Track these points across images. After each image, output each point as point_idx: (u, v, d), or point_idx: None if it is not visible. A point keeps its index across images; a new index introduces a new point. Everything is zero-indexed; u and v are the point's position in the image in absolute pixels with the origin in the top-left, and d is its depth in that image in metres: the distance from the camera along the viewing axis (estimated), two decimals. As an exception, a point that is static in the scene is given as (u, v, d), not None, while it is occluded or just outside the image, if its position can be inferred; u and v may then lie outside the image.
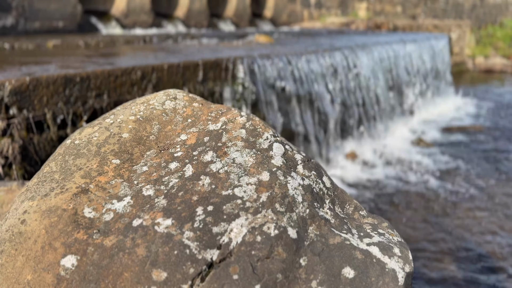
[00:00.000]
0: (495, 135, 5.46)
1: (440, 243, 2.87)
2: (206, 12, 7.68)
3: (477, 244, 2.87)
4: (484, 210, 3.36)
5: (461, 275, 2.53)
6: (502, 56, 11.48)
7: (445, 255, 2.72)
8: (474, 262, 2.66)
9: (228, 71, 3.53)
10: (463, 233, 3.00)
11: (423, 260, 2.67)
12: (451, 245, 2.85)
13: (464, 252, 2.76)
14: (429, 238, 2.94)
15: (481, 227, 3.10)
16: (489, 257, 2.72)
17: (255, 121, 1.19)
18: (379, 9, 10.39)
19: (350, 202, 1.20)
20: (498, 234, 3.00)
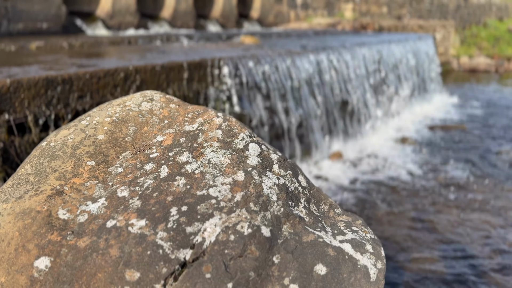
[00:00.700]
0: (478, 133, 5.55)
1: (422, 239, 2.91)
2: (192, 13, 7.67)
3: (459, 240, 2.92)
4: (464, 207, 3.42)
5: (444, 270, 2.57)
6: (486, 55, 11.67)
7: (427, 252, 2.76)
8: (457, 258, 2.70)
9: (213, 72, 3.53)
10: (444, 230, 3.05)
11: (404, 256, 2.71)
12: (433, 241, 2.90)
13: (446, 248, 2.81)
14: (412, 235, 2.98)
15: (462, 224, 3.15)
16: (471, 253, 2.77)
17: (231, 122, 1.20)
18: (365, 9, 10.48)
19: (326, 200, 1.22)
20: (479, 229, 3.06)
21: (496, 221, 3.20)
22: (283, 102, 4.18)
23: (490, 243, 2.89)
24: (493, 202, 3.52)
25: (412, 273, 2.54)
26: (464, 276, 2.52)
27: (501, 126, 5.95)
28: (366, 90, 5.44)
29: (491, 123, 6.09)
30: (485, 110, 6.91)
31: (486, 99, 7.75)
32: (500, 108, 7.06)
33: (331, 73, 4.84)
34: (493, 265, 2.64)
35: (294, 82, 4.30)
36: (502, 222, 3.19)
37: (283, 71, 4.16)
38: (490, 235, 3.00)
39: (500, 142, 5.19)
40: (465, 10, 13.39)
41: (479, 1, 14.09)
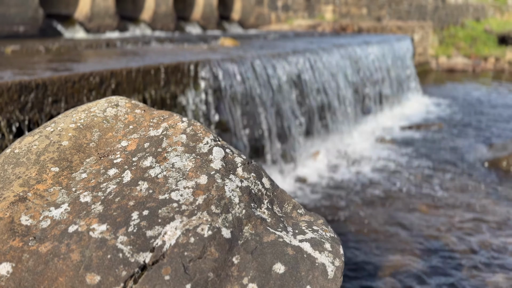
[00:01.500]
0: (454, 131, 5.69)
1: (396, 237, 2.98)
2: (172, 15, 7.65)
3: (434, 237, 3.00)
4: (441, 205, 3.50)
5: (418, 267, 2.64)
6: (464, 55, 11.93)
7: (401, 250, 2.83)
8: (433, 254, 2.77)
9: (190, 75, 3.55)
10: (421, 227, 3.12)
11: (378, 253, 2.77)
12: (408, 238, 2.96)
13: (421, 246, 2.88)
14: (388, 232, 3.04)
15: (438, 221, 3.23)
16: (443, 250, 2.84)
17: (196, 126, 1.22)
18: (345, 11, 10.61)
19: (289, 201, 1.26)
20: (454, 227, 3.14)
21: (471, 219, 3.29)
22: (262, 103, 4.22)
23: (465, 241, 2.97)
24: (469, 201, 3.62)
25: (389, 270, 2.60)
26: (440, 271, 2.59)
27: (477, 125, 6.10)
28: (345, 91, 5.52)
29: (468, 122, 6.24)
30: (462, 109, 7.07)
31: (463, 98, 7.93)
32: (476, 107, 7.23)
33: (310, 75, 4.89)
34: (468, 262, 2.72)
35: (273, 83, 4.34)
36: (476, 221, 3.28)
37: (261, 73, 4.20)
38: (465, 233, 3.08)
39: (474, 140, 5.33)
40: (443, 11, 13.67)
41: (457, 2, 14.39)
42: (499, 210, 3.43)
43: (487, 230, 3.10)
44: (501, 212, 3.40)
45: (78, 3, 6.51)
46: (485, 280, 2.52)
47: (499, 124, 6.18)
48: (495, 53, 11.75)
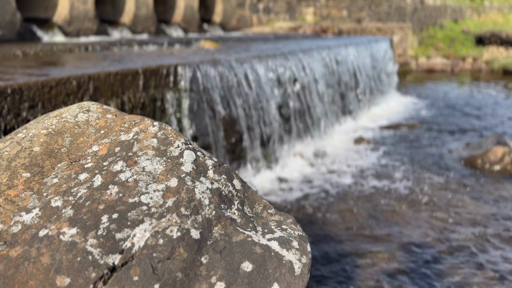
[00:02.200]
0: (432, 131, 5.81)
1: (374, 234, 3.05)
2: (153, 18, 7.63)
3: (411, 235, 3.07)
4: (416, 203, 3.59)
5: (394, 263, 2.70)
6: (443, 56, 12.19)
7: (378, 246, 2.89)
8: (407, 251, 2.84)
9: (169, 78, 3.56)
10: (396, 225, 3.20)
11: (356, 250, 2.83)
12: (386, 235, 3.03)
13: (397, 242, 2.94)
14: (365, 230, 3.11)
15: (414, 219, 3.31)
16: (421, 246, 2.91)
17: (167, 130, 1.25)
18: (326, 13, 10.73)
19: (260, 201, 1.29)
20: (429, 225, 3.22)
21: (445, 217, 3.38)
22: (243, 105, 4.25)
23: (439, 239, 3.06)
24: (443, 198, 3.71)
25: (365, 267, 2.66)
26: (414, 266, 2.66)
27: (453, 124, 6.25)
28: (325, 92, 5.60)
29: (445, 121, 6.39)
30: (439, 109, 7.23)
31: (441, 98, 8.10)
32: (454, 107, 7.40)
33: (289, 76, 4.95)
34: (440, 259, 2.80)
35: (253, 85, 4.38)
36: (451, 219, 3.37)
37: (241, 75, 4.24)
38: (439, 231, 3.17)
39: (451, 139, 5.46)
40: (422, 12, 13.93)
41: (435, 3, 14.69)
42: (474, 206, 3.53)
43: (463, 227, 3.19)
44: (476, 208, 3.50)
45: (57, 7, 6.45)
46: (467, 280, 2.59)
47: (476, 122, 6.34)
48: (473, 53, 12.03)
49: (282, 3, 10.09)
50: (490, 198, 3.69)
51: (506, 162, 4.27)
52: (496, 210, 3.47)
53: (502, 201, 3.63)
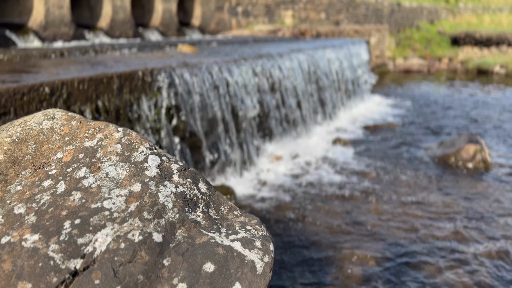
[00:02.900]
0: (408, 130, 5.94)
1: (352, 234, 3.11)
2: (131, 22, 7.60)
3: (387, 233, 3.14)
4: (392, 202, 3.67)
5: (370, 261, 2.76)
6: (419, 56, 12.44)
7: (355, 245, 2.95)
8: (383, 249, 2.91)
9: (145, 82, 3.56)
10: (373, 224, 3.27)
11: (333, 250, 2.88)
12: (363, 235, 3.10)
13: (374, 241, 3.01)
14: (342, 229, 3.16)
15: (390, 217, 3.38)
16: (397, 244, 2.98)
17: (131, 136, 1.27)
18: (304, 16, 10.85)
19: (225, 204, 1.33)
20: (404, 222, 3.30)
21: (418, 214, 3.47)
22: (220, 109, 4.28)
23: (412, 235, 3.13)
24: (416, 196, 3.80)
25: (339, 265, 2.71)
26: (391, 262, 2.73)
27: (429, 123, 6.40)
28: (303, 95, 5.66)
29: (421, 121, 6.53)
30: (416, 108, 7.38)
31: (418, 98, 8.27)
32: (430, 107, 7.57)
33: (267, 79, 5.00)
34: (413, 255, 2.87)
35: (231, 88, 4.41)
36: (424, 216, 3.46)
37: (218, 78, 4.26)
38: (414, 228, 3.25)
39: (426, 138, 5.59)
40: (398, 14, 14.19)
41: (411, 5, 14.98)
42: (446, 203, 3.63)
43: (435, 223, 3.28)
44: (448, 205, 3.60)
45: (32, 12, 6.36)
46: (438, 274, 2.67)
47: (451, 121, 6.50)
48: (449, 54, 12.32)
49: (261, 6, 10.16)
50: (461, 195, 3.79)
51: (477, 160, 4.40)
52: (468, 206, 3.58)
53: (473, 198, 3.74)
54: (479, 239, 3.04)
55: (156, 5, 8.22)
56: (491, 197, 3.75)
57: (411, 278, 2.58)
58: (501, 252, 2.86)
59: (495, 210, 3.50)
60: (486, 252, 2.86)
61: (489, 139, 5.50)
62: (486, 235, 3.09)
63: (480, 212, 3.47)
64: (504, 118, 6.73)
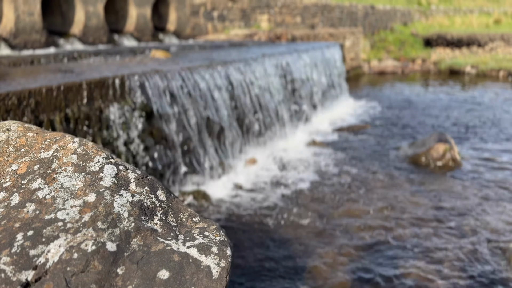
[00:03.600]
0: (381, 131, 6.06)
1: (326, 235, 3.16)
2: (104, 28, 7.53)
3: (361, 232, 3.20)
4: (366, 202, 3.74)
5: (339, 260, 2.81)
6: (394, 58, 12.69)
7: (327, 245, 3.00)
8: (355, 249, 2.97)
9: (115, 89, 3.55)
10: (348, 224, 3.32)
11: (306, 252, 2.92)
12: (338, 234, 3.15)
13: (346, 241, 3.07)
14: (317, 230, 3.21)
15: (363, 216, 3.45)
16: (365, 240, 3.05)
17: (87, 146, 1.28)
18: (280, 20, 10.94)
19: (185, 211, 1.34)
20: (372, 219, 3.37)
21: (389, 213, 3.55)
22: (194, 114, 4.29)
23: (383, 233, 3.20)
24: (388, 195, 3.89)
25: (316, 267, 2.75)
26: (360, 259, 2.78)
27: (401, 123, 6.54)
28: (278, 98, 5.72)
29: (394, 121, 6.67)
30: (390, 109, 7.53)
31: (392, 99, 8.44)
32: (403, 107, 7.73)
33: (241, 83, 5.03)
34: (384, 251, 2.94)
35: (204, 93, 4.42)
36: (395, 214, 3.54)
37: (190, 84, 4.27)
38: (383, 226, 3.32)
39: (399, 138, 5.71)
40: (373, 16, 14.45)
41: (385, 8, 15.28)
42: (417, 201, 3.73)
43: (405, 221, 3.36)
44: (418, 203, 3.69)
45: (1, 19, 6.25)
46: (407, 268, 2.74)
47: (423, 121, 6.66)
48: (422, 55, 12.61)
49: (236, 11, 10.20)
50: (431, 193, 3.90)
51: (447, 158, 4.53)
52: (437, 204, 3.68)
53: (442, 195, 3.85)
54: (446, 234, 3.13)
55: (130, 11, 8.18)
56: (459, 194, 3.86)
57: (379, 270, 2.64)
58: (468, 248, 2.96)
59: (462, 207, 3.61)
60: (457, 247, 2.95)
61: (459, 137, 5.66)
62: (454, 232, 3.18)
63: (447, 208, 3.57)
64: (474, 117, 6.94)
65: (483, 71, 10.99)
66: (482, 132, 5.99)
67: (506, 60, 11.23)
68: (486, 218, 3.40)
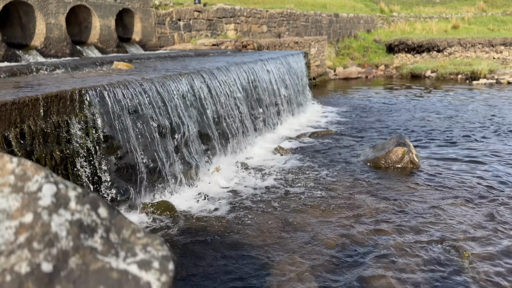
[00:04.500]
0: (345, 136, 6.20)
1: (290, 240, 3.20)
2: (67, 39, 7.41)
3: (322, 236, 3.26)
4: (326, 205, 3.82)
5: (307, 262, 2.86)
6: (358, 64, 13.02)
7: (291, 251, 3.04)
8: (315, 250, 3.02)
9: (73, 103, 3.50)
10: (311, 228, 3.38)
11: (268, 257, 2.96)
12: (300, 239, 3.20)
13: (310, 246, 3.12)
14: (282, 235, 3.25)
15: (324, 220, 3.52)
16: (326, 246, 3.11)
17: (25, 166, 1.27)
18: (247, 29, 11.05)
19: (128, 227, 1.35)
20: (337, 225, 3.45)
21: (349, 215, 3.63)
22: (157, 125, 4.27)
23: (343, 237, 3.28)
24: (349, 198, 3.98)
25: (278, 272, 2.79)
26: (321, 264, 2.84)
27: (365, 128, 6.71)
28: (243, 107, 5.77)
29: (357, 126, 6.83)
30: (353, 114, 7.72)
31: (356, 104, 8.65)
32: (367, 112, 7.94)
33: (204, 94, 5.05)
34: (344, 253, 3.00)
35: (167, 104, 4.41)
36: (354, 217, 3.63)
37: (152, 95, 4.26)
38: (343, 230, 3.40)
39: (362, 143, 5.86)
40: (337, 24, 14.79)
41: (349, 15, 15.67)
42: (376, 204, 3.83)
43: (364, 224, 3.45)
44: (377, 206, 3.80)
45: (-45, 32, 6.06)
46: (366, 271, 2.81)
47: (386, 125, 6.86)
48: (385, 61, 12.99)
49: (203, 20, 10.24)
50: (390, 196, 4.02)
51: (406, 161, 4.68)
52: (395, 206, 3.79)
53: (400, 198, 3.97)
54: (404, 234, 3.24)
55: (94, 22, 8.08)
56: (416, 196, 4.00)
57: (337, 275, 2.70)
58: (424, 248, 3.07)
59: (419, 208, 3.74)
60: (414, 247, 3.05)
61: (418, 140, 5.86)
62: (411, 232, 3.30)
63: (405, 211, 3.69)
64: (433, 119, 7.20)
65: (443, 75, 11.43)
66: (441, 134, 6.22)
67: (464, 64, 11.72)
68: (442, 219, 3.53)
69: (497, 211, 3.65)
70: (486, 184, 4.26)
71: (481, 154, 5.27)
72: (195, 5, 10.36)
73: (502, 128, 6.64)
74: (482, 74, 11.18)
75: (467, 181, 4.35)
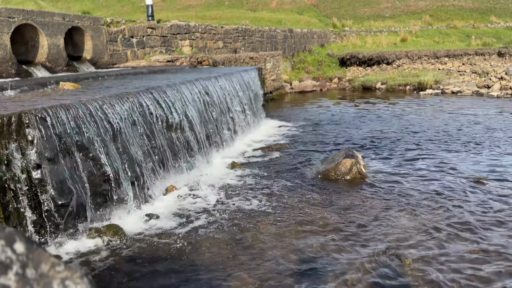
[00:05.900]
0: (299, 149, 6.31)
1: (242, 257, 3.21)
2: (12, 59, 7.15)
3: (276, 254, 3.29)
4: (280, 218, 3.87)
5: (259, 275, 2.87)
6: (313, 78, 13.35)
7: (245, 269, 3.05)
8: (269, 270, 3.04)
9: (11, 127, 3.38)
10: (262, 242, 3.40)
11: (222, 274, 2.95)
12: (251, 257, 3.21)
13: (257, 260, 3.14)
14: (234, 254, 3.25)
15: (276, 232, 3.55)
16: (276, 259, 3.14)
17: None
18: (202, 45, 11.10)
19: (47, 261, 1.33)
20: (288, 235, 3.49)
21: (299, 229, 3.69)
22: (105, 147, 4.18)
23: (293, 249, 3.32)
24: (299, 211, 4.05)
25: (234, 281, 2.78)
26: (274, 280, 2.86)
27: (318, 141, 6.87)
28: (197, 125, 5.76)
29: (311, 139, 6.99)
30: (307, 127, 7.89)
31: (310, 117, 8.85)
32: (320, 125, 8.14)
33: (156, 112, 5.01)
34: (296, 266, 3.04)
35: (115, 125, 4.34)
36: (305, 229, 3.69)
37: (98, 117, 4.18)
38: (297, 237, 3.44)
39: (314, 156, 5.99)
40: (291, 39, 15.15)
41: (303, 30, 16.09)
42: (326, 215, 3.92)
43: (315, 235, 3.52)
44: (327, 217, 3.89)
45: None
46: (315, 282, 2.85)
47: (337, 137, 7.05)
48: (338, 74, 13.40)
49: (157, 37, 10.20)
50: (339, 207, 4.12)
51: (354, 172, 4.82)
52: (342, 216, 3.90)
53: (347, 208, 4.09)
54: (353, 246, 3.33)
55: (41, 41, 7.86)
56: (362, 206, 4.13)
57: None
58: (369, 256, 3.16)
59: (365, 218, 3.86)
60: (360, 255, 3.13)
61: (366, 151, 6.06)
62: (357, 242, 3.39)
63: (353, 221, 3.80)
64: (382, 130, 7.47)
65: (392, 86, 11.92)
66: (389, 144, 6.46)
67: (411, 75, 12.29)
68: (386, 228, 3.66)
69: (438, 220, 3.83)
70: (430, 192, 4.46)
71: (427, 164, 5.52)
72: (148, 22, 10.32)
73: (448, 138, 7.00)
74: (429, 84, 11.76)
75: (411, 190, 4.54)
